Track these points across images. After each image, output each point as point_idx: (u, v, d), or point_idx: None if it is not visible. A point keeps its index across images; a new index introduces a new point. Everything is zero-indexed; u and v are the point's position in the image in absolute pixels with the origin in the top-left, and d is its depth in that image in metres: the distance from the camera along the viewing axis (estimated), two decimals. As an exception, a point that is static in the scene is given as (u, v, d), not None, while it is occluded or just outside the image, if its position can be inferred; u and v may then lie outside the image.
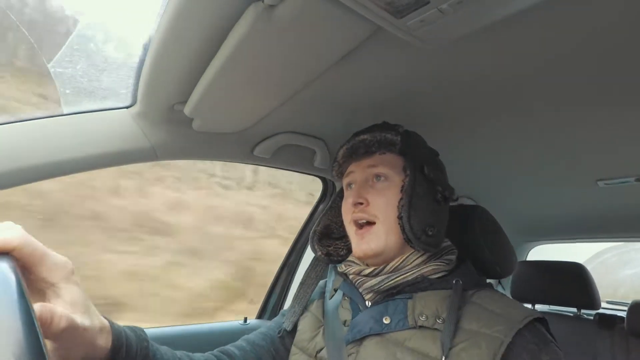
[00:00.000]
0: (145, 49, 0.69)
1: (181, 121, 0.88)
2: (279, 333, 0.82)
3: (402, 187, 0.72)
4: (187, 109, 0.80)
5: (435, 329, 0.62)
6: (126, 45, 0.77)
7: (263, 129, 0.98)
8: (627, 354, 1.39)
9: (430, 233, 0.69)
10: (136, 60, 0.73)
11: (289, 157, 1.14)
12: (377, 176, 0.75)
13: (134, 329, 0.59)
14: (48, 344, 0.40)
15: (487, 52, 0.65)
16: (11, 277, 0.33)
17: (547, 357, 0.58)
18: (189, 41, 0.61)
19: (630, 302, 1.50)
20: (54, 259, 0.44)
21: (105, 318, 0.52)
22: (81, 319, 0.45)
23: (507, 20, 0.53)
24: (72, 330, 0.43)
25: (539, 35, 0.60)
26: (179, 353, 0.70)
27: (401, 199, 0.71)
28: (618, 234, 1.89)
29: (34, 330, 0.31)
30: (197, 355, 0.74)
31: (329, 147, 1.12)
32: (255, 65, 0.65)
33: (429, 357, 0.60)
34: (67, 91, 0.74)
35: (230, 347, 0.78)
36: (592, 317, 1.62)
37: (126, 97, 0.84)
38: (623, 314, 1.52)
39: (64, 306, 0.44)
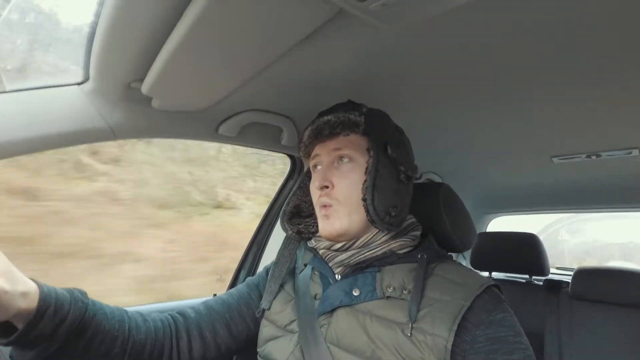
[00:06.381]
0: (96, 19, 0.63)
1: (140, 100, 0.83)
2: (257, 313, 0.83)
3: (367, 168, 0.73)
4: (145, 88, 0.76)
5: (402, 298, 0.66)
6: (74, 17, 0.70)
7: (227, 107, 0.95)
8: (570, 315, 1.53)
9: (393, 214, 0.71)
10: (85, 32, 0.67)
11: (256, 136, 1.12)
12: (342, 158, 0.75)
13: (72, 291, 0.60)
14: None
15: (448, 34, 0.65)
16: None
17: (501, 315, 0.63)
18: (145, 15, 0.57)
19: (575, 268, 1.63)
20: None
21: (35, 282, 0.54)
22: (1, 284, 0.48)
23: (464, 6, 0.54)
24: None
25: (497, 18, 0.60)
26: (134, 313, 0.71)
27: (365, 180, 0.72)
28: (569, 206, 2.03)
29: None
30: (154, 315, 0.75)
31: (296, 125, 1.11)
32: (216, 42, 0.61)
33: (396, 322, 0.64)
34: (8, 67, 0.68)
35: (187, 309, 0.81)
36: (541, 283, 1.75)
37: (77, 74, 0.78)
38: (569, 279, 1.65)
39: None
